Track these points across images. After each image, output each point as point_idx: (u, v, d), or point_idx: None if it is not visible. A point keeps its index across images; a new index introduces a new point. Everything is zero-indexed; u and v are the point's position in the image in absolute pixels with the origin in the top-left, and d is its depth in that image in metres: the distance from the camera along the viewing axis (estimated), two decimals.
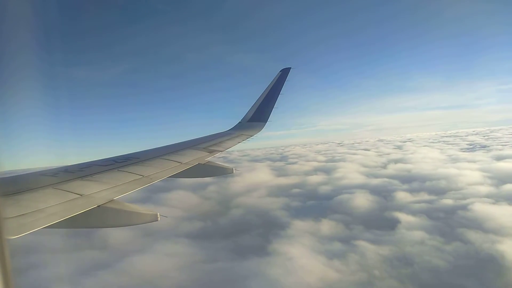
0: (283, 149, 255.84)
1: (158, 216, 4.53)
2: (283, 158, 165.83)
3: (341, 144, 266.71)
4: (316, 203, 66.97)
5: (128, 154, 7.52)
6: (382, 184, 79.10)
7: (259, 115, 12.74)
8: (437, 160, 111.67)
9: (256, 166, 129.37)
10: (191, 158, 7.56)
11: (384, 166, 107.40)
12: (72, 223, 4.00)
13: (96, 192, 4.81)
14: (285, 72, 13.62)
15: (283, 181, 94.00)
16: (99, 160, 6.83)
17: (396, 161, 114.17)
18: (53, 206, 4.10)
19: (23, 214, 3.75)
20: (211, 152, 8.59)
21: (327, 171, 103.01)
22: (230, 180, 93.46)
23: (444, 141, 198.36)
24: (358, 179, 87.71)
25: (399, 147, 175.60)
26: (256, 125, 12.36)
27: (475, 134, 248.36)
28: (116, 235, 50.20)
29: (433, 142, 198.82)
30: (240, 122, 12.86)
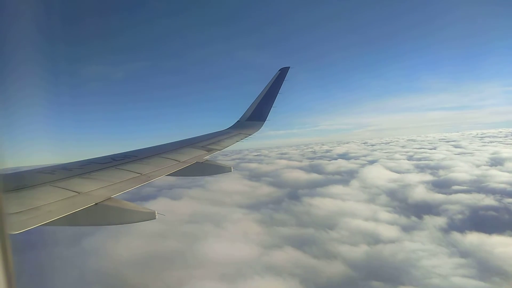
0: (310, 148, 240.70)
1: (156, 214, 4.53)
2: (343, 156, 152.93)
3: (367, 144, 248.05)
4: None
5: (126, 152, 7.51)
6: None
7: (257, 114, 12.71)
8: None
9: (341, 163, 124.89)
10: (189, 157, 7.56)
11: (495, 165, 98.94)
12: (69, 220, 4.01)
13: (94, 190, 4.81)
14: (284, 71, 13.60)
15: (419, 178, 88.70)
16: (97, 158, 6.82)
17: (505, 160, 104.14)
18: (51, 204, 4.10)
19: (20, 212, 3.75)
20: (210, 150, 8.60)
21: (442, 168, 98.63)
22: (357, 178, 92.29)
23: (496, 141, 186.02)
24: (505, 176, 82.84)
25: (458, 146, 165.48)
26: (254, 124, 12.34)
27: None
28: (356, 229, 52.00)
29: (485, 142, 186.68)
30: (238, 121, 12.83)
